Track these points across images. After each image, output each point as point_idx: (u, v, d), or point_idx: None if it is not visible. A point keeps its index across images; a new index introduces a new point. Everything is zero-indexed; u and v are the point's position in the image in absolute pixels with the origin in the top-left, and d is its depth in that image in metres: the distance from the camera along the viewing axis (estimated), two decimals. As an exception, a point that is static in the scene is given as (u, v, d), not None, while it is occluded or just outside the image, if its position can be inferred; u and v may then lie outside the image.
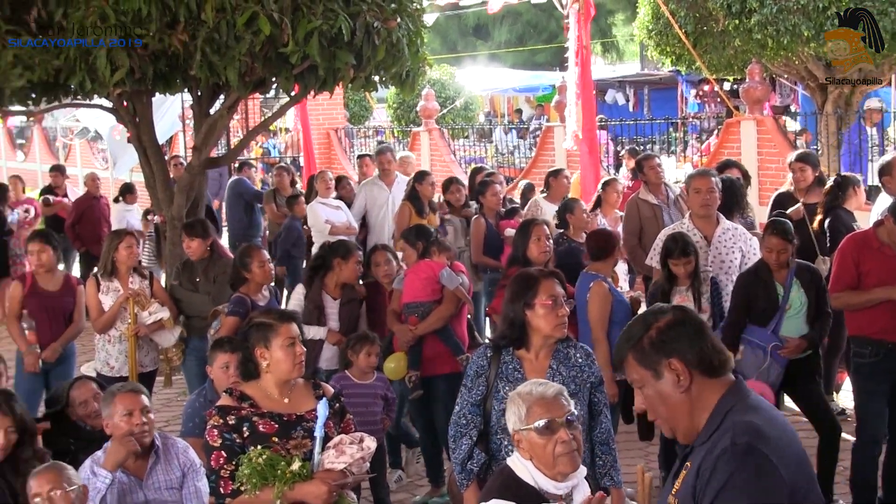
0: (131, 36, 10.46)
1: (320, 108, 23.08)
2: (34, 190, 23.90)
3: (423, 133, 21.78)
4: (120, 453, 5.92)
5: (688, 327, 3.64)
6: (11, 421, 6.04)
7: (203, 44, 10.55)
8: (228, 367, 7.15)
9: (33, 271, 9.70)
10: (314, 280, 9.14)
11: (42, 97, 11.87)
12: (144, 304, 9.45)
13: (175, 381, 10.39)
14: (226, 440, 5.34)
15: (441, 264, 9.02)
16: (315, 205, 14.17)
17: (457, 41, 46.69)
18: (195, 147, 13.03)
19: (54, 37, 10.83)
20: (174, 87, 11.99)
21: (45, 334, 9.46)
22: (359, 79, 11.71)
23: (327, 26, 10.72)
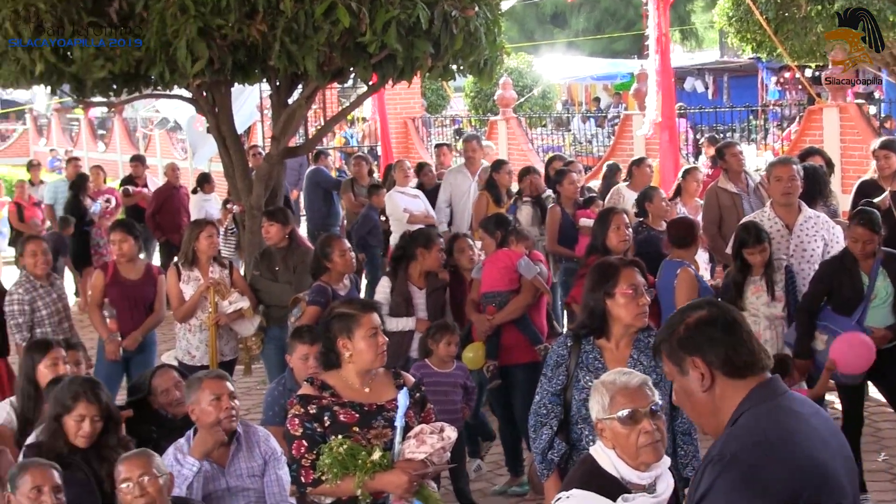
0: (211, 27, 10.54)
1: (397, 97, 23.12)
2: (115, 180, 24.20)
3: (500, 122, 21.74)
4: (208, 442, 5.97)
5: (716, 326, 3.58)
6: (97, 409, 6.11)
7: (282, 34, 10.61)
8: (308, 359, 7.18)
9: (115, 260, 9.79)
10: (398, 272, 9.13)
11: (123, 88, 12.01)
12: (224, 294, 9.51)
13: (254, 369, 10.45)
14: (307, 429, 5.36)
15: (519, 253, 8.98)
16: (393, 193, 14.18)
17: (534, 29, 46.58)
18: (273, 137, 13.10)
19: (135, 28, 10.96)
20: (253, 77, 12.08)
21: (125, 323, 9.56)
22: (436, 68, 11.71)
23: (405, 15, 10.72)
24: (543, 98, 30.04)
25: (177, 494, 5.55)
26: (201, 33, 10.51)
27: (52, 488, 5.23)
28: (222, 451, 6.04)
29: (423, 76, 13.04)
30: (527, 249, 9.12)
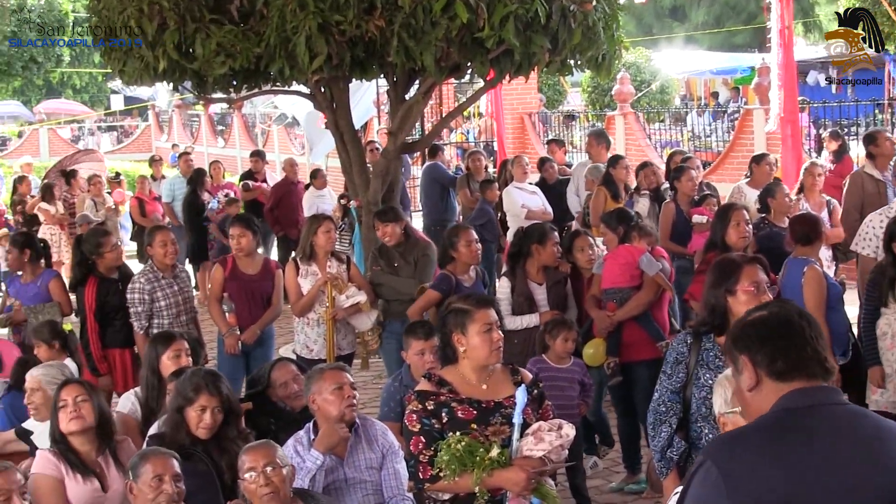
0: (329, 22, 10.61)
1: (514, 92, 23.07)
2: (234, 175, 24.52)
3: (617, 117, 21.59)
4: (333, 437, 6.01)
5: (769, 326, 3.53)
6: (218, 401, 6.19)
7: (400, 29, 10.64)
8: (423, 354, 7.20)
9: (234, 255, 9.90)
10: (516, 270, 9.12)
11: (243, 84, 12.13)
12: (342, 288, 9.56)
13: (371, 364, 10.50)
14: (424, 425, 5.37)
15: (641, 249, 8.91)
16: (511, 189, 14.18)
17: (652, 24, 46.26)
18: (391, 132, 13.14)
19: (255, 25, 11.07)
20: (370, 72, 12.13)
21: (244, 317, 9.67)
22: (554, 62, 11.65)
23: (523, 10, 10.69)
24: (661, 93, 29.82)
25: (298, 486, 5.60)
26: (320, 29, 10.59)
27: (173, 477, 5.32)
28: (343, 445, 6.08)
29: (540, 71, 13.03)
30: (649, 245, 9.04)
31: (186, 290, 9.68)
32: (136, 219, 18.56)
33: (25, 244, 10.10)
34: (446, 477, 5.16)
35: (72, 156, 23.48)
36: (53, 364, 7.73)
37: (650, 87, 28.73)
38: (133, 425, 7.08)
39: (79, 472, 6.02)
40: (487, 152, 21.64)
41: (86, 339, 9.35)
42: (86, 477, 6.01)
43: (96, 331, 9.33)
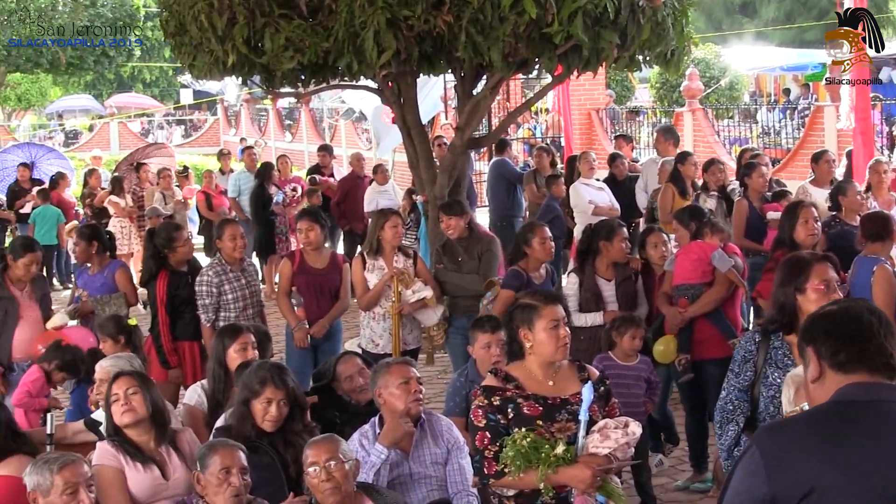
0: (398, 17, 10.63)
1: (581, 88, 22.96)
2: (301, 170, 24.61)
3: (686, 113, 21.44)
4: (398, 432, 6.03)
5: (835, 319, 3.52)
6: (284, 393, 6.22)
7: (468, 24, 10.64)
8: (490, 347, 7.19)
9: (301, 249, 9.93)
10: (585, 266, 9.08)
11: (311, 79, 12.19)
12: (408, 283, 9.57)
13: (437, 359, 10.51)
14: (490, 421, 5.35)
15: (713, 246, 8.85)
16: (578, 185, 14.14)
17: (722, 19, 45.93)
18: (458, 127, 13.15)
19: (324, 20, 11.11)
20: (438, 67, 12.14)
21: (312, 310, 9.68)
22: (622, 58, 11.61)
23: (592, 6, 10.66)
24: (731, 89, 29.55)
25: (362, 480, 5.61)
26: (388, 24, 10.62)
27: (240, 469, 5.35)
28: (408, 440, 6.09)
29: (608, 67, 12.97)
30: (721, 242, 8.98)
31: (254, 283, 9.73)
32: (203, 213, 18.67)
33: (92, 236, 10.19)
34: (511, 473, 5.14)
35: (143, 149, 23.71)
36: (122, 356, 7.79)
37: (719, 84, 28.48)
38: (199, 417, 7.13)
39: (138, 461, 6.05)
40: (554, 148, 21.54)
41: (156, 332, 9.43)
42: (146, 466, 6.05)
43: (167, 323, 9.40)
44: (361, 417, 6.62)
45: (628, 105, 29.09)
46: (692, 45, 12.71)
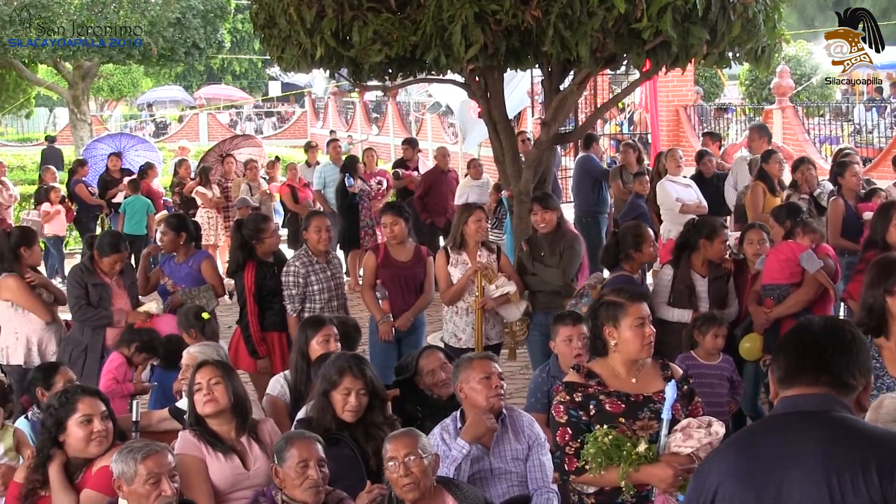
0: (486, 12, 10.61)
1: (669, 84, 22.80)
2: (387, 163, 24.66)
3: (775, 111, 21.19)
4: (480, 428, 6.02)
5: (787, 336, 3.61)
6: (363, 383, 6.23)
7: (556, 19, 10.59)
8: (571, 340, 7.16)
9: (386, 242, 9.95)
10: (681, 260, 9.01)
11: (398, 72, 12.19)
12: (492, 278, 9.55)
13: (519, 354, 10.48)
14: (572, 417, 5.33)
15: (803, 246, 8.75)
16: (665, 182, 14.05)
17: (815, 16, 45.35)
18: (544, 122, 13.10)
19: (412, 13, 11.12)
20: (525, 62, 12.10)
21: (396, 304, 9.68)
22: (712, 55, 11.50)
23: (682, 1, 10.56)
24: (822, 87, 29.16)
25: (443, 474, 5.61)
26: (476, 18, 10.60)
27: (317, 461, 5.36)
28: (489, 433, 6.08)
29: (697, 63, 12.83)
30: (813, 243, 8.86)
31: (338, 275, 9.77)
32: (288, 206, 18.77)
33: (180, 226, 10.28)
34: (592, 470, 5.12)
35: (231, 139, 23.90)
36: (210, 344, 7.87)
37: (810, 81, 28.12)
38: (282, 408, 7.17)
39: (219, 451, 6.09)
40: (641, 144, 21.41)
41: (245, 322, 9.50)
42: (227, 456, 6.09)
43: (255, 314, 9.46)
44: (443, 412, 6.62)
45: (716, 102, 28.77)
46: (783, 41, 12.54)
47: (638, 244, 9.04)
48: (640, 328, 5.39)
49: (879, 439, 3.22)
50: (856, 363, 3.42)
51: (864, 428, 3.29)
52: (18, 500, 5.76)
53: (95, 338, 9.19)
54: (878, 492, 3.12)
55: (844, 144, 17.14)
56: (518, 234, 12.80)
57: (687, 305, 8.82)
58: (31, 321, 9.23)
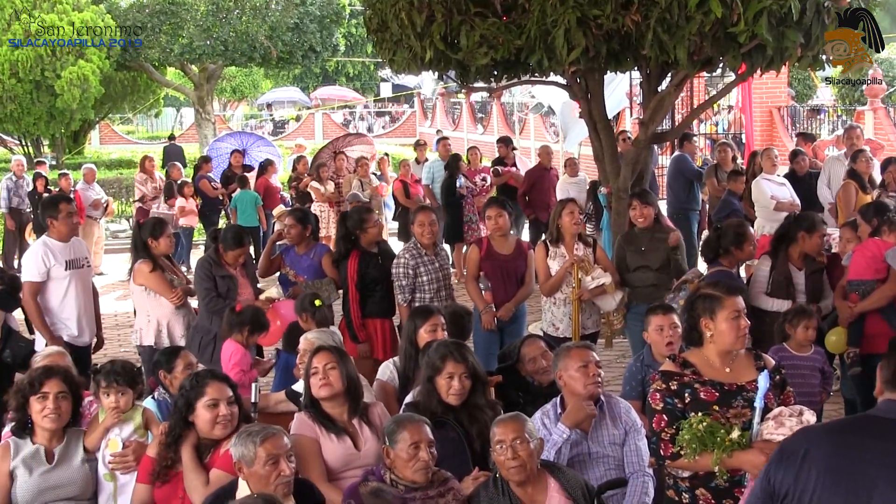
0: (588, 16, 10.57)
1: (764, 86, 22.53)
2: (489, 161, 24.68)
3: (867, 112, 20.83)
4: (580, 414, 6.02)
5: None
6: (465, 367, 6.25)
7: (655, 24, 10.52)
8: (662, 329, 7.10)
9: (489, 236, 9.94)
10: (779, 252, 8.92)
11: (503, 74, 12.19)
12: (588, 270, 9.52)
13: (615, 343, 10.41)
14: (667, 404, 5.30)
15: (889, 244, 8.59)
16: (760, 181, 13.89)
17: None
18: (642, 122, 13.02)
19: (517, 18, 11.12)
20: (625, 65, 12.02)
21: (499, 294, 9.66)
22: (806, 57, 11.35)
23: (777, 6, 10.43)
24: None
25: (544, 458, 5.59)
26: (579, 23, 10.57)
27: (427, 443, 5.37)
28: (588, 419, 6.06)
29: (791, 65, 12.66)
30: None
31: (446, 267, 9.78)
32: (400, 200, 18.86)
33: (306, 220, 10.35)
34: (687, 455, 5.08)
35: (344, 137, 24.05)
36: (326, 330, 7.94)
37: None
38: (391, 392, 7.21)
39: (333, 432, 6.14)
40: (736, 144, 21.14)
41: (347, 308, 9.55)
42: (339, 437, 6.13)
43: (357, 301, 9.50)
44: (543, 398, 6.62)
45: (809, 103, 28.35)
46: (877, 45, 12.31)
47: (739, 241, 8.98)
48: (735, 321, 5.34)
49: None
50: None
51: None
52: (150, 475, 5.85)
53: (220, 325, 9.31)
54: None
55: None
56: (616, 230, 12.73)
57: (784, 296, 8.74)
58: (163, 305, 9.37)
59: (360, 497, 5.26)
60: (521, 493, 5.30)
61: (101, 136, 47.92)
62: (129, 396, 6.31)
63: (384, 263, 9.61)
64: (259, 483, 5.08)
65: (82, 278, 9.45)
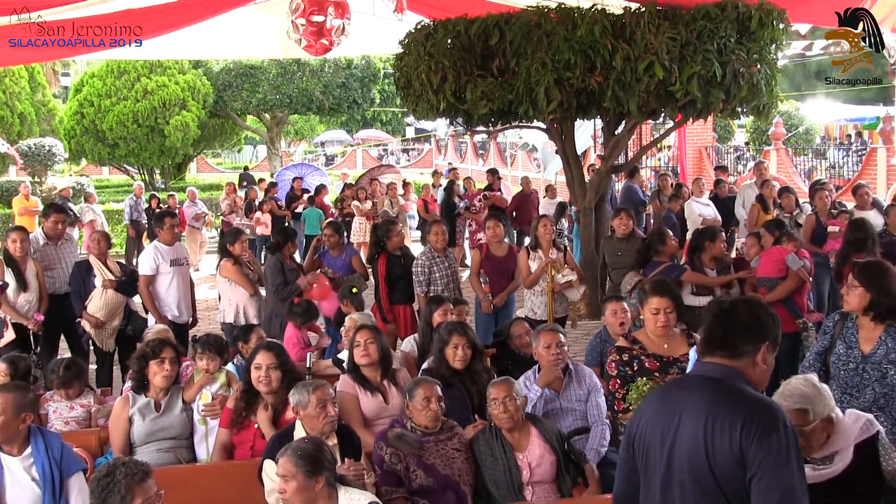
0: (562, 78, 10.57)
1: (694, 131, 22.44)
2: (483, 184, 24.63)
3: (772, 151, 20.76)
4: (549, 376, 5.98)
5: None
6: (466, 339, 6.22)
7: (613, 83, 10.53)
8: (616, 314, 7.03)
9: (488, 242, 9.90)
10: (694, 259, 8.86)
11: (498, 121, 12.19)
12: (559, 269, 9.45)
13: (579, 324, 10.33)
14: (620, 371, 5.29)
15: (788, 250, 8.55)
16: (691, 202, 13.85)
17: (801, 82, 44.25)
18: (603, 157, 13.02)
19: (509, 78, 11.11)
20: (590, 114, 12.06)
21: (494, 287, 9.61)
22: (726, 109, 11.37)
23: (705, 71, 10.46)
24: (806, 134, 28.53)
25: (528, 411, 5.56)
26: (556, 83, 10.58)
27: (437, 398, 5.34)
28: (559, 382, 6.03)
29: (715, 115, 12.64)
30: (794, 248, 8.66)
31: (453, 266, 9.71)
32: (422, 214, 18.86)
33: (339, 231, 10.33)
34: (634, 410, 5.04)
35: (377, 167, 24.02)
36: (366, 313, 7.93)
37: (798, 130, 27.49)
38: (411, 361, 7.17)
39: (368, 391, 6.12)
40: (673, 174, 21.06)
41: (378, 297, 9.52)
42: (373, 394, 6.11)
43: (385, 292, 9.46)
44: (527, 365, 6.57)
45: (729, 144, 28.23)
46: (779, 101, 12.28)
47: (662, 241, 8.97)
48: (654, 315, 5.35)
49: (753, 405, 3.06)
50: (748, 336, 3.23)
51: (743, 394, 3.12)
52: (230, 422, 5.84)
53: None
54: (737, 443, 2.99)
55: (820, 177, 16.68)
56: (583, 238, 12.69)
57: (706, 293, 8.67)
58: (240, 293, 9.34)
59: (388, 439, 5.23)
60: (510, 438, 5.28)
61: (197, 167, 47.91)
62: (217, 362, 6.33)
63: (406, 264, 9.57)
64: (311, 422, 5.06)
65: (182, 273, 9.46)
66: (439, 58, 11.24)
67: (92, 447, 5.95)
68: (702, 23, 10.66)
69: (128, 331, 9.08)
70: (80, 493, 4.72)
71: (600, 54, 10.57)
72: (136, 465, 4.09)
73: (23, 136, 26.41)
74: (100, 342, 9.14)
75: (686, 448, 3.12)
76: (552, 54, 10.63)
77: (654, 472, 3.24)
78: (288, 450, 4.28)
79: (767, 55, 11.28)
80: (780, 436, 2.97)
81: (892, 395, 4.96)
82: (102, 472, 4.06)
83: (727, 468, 3.02)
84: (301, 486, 4.17)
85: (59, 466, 4.76)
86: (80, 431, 6.25)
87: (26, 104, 27.02)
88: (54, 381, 6.62)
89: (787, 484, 2.93)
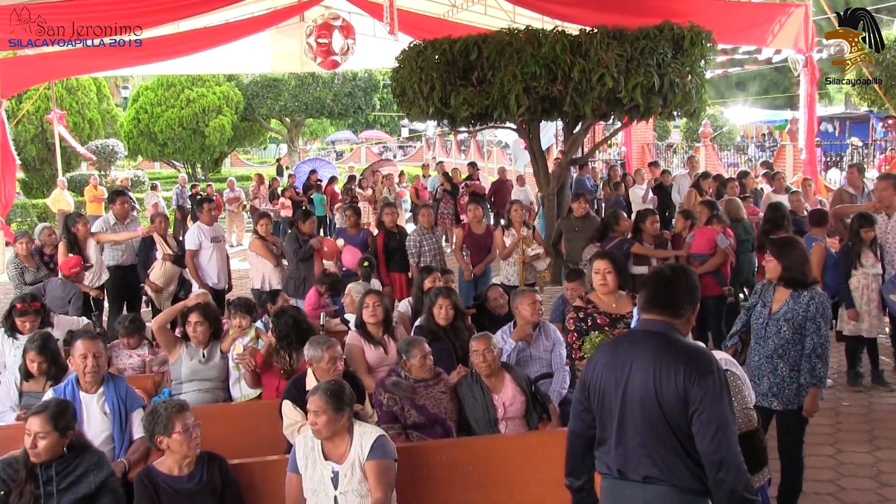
0: (530, 87, 10.49)
1: (638, 130, 22.34)
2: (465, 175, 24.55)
3: (702, 147, 20.73)
4: (523, 332, 5.95)
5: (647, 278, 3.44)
6: (450, 301, 6.18)
7: (571, 91, 10.45)
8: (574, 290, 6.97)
9: (469, 222, 9.86)
10: (636, 236, 8.82)
11: (478, 122, 12.13)
12: (529, 244, 9.42)
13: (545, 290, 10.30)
14: (577, 326, 5.27)
15: (717, 231, 8.52)
16: (635, 188, 13.84)
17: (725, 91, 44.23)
18: (563, 152, 12.95)
19: (486, 87, 11.03)
20: (553, 117, 11.98)
21: (475, 259, 9.59)
22: (664, 113, 11.33)
23: (646, 81, 10.39)
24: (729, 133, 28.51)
25: (503, 360, 5.53)
26: (524, 91, 10.50)
27: (425, 354, 5.29)
28: (530, 336, 6.00)
29: (655, 118, 12.58)
30: (722, 228, 8.63)
31: (439, 241, 9.71)
32: (414, 200, 18.80)
33: (358, 214, 10.27)
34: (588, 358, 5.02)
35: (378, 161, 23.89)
36: (361, 283, 7.87)
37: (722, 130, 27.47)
38: (406, 320, 7.13)
39: (371, 344, 6.10)
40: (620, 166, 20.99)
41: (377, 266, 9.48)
42: (375, 347, 6.10)
43: (384, 261, 9.43)
44: (502, 323, 6.55)
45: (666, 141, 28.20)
46: (707, 106, 12.24)
47: (617, 221, 8.92)
48: (597, 275, 5.35)
49: (692, 354, 3.08)
50: (687, 298, 3.26)
51: (683, 345, 3.14)
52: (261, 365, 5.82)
53: (307, 270, 9.20)
54: (681, 385, 3.02)
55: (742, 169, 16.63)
56: (548, 220, 12.65)
57: (645, 263, 8.64)
58: (266, 264, 9.29)
59: (386, 386, 5.20)
60: (488, 382, 5.25)
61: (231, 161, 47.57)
62: (248, 320, 6.31)
63: (401, 239, 9.54)
64: (323, 374, 5.02)
65: (220, 248, 9.43)
66: (428, 71, 11.16)
67: (148, 388, 5.97)
68: (644, 42, 10.62)
69: (180, 295, 9.06)
70: (139, 424, 4.81)
71: (561, 67, 10.52)
72: (175, 401, 4.26)
73: (91, 138, 26.63)
74: (158, 304, 9.18)
75: (638, 391, 3.12)
76: (521, 67, 10.57)
77: (609, 411, 3.22)
78: (318, 390, 4.23)
79: (697, 68, 11.23)
80: (714, 378, 3.01)
81: (788, 347, 4.95)
82: (150, 409, 4.26)
83: (673, 406, 3.04)
84: (330, 419, 4.13)
85: (125, 403, 4.92)
86: (139, 376, 6.27)
87: (94, 112, 27.17)
88: (120, 331, 6.67)
89: (722, 416, 2.98)
